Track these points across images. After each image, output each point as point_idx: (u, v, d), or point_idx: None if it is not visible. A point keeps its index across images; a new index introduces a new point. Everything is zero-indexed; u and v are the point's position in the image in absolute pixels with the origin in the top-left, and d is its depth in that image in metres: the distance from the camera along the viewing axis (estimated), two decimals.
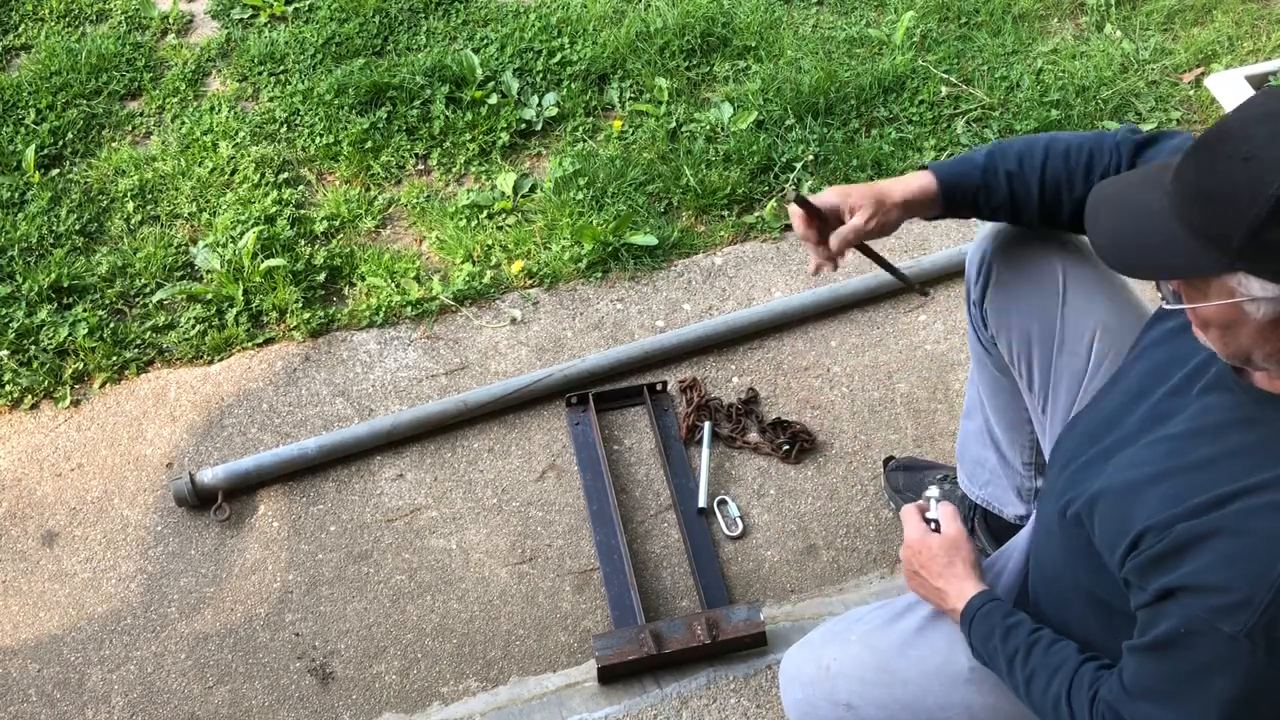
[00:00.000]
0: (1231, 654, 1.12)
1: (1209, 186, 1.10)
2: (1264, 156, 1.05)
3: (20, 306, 2.60)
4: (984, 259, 1.77)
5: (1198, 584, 1.14)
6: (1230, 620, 1.11)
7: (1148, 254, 1.15)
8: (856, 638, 1.59)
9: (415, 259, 2.74)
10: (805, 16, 3.38)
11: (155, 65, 3.25)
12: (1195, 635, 1.15)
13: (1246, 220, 1.05)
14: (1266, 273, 1.07)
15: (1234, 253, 1.08)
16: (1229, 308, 1.12)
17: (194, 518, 2.30)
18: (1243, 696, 1.14)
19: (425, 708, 2.05)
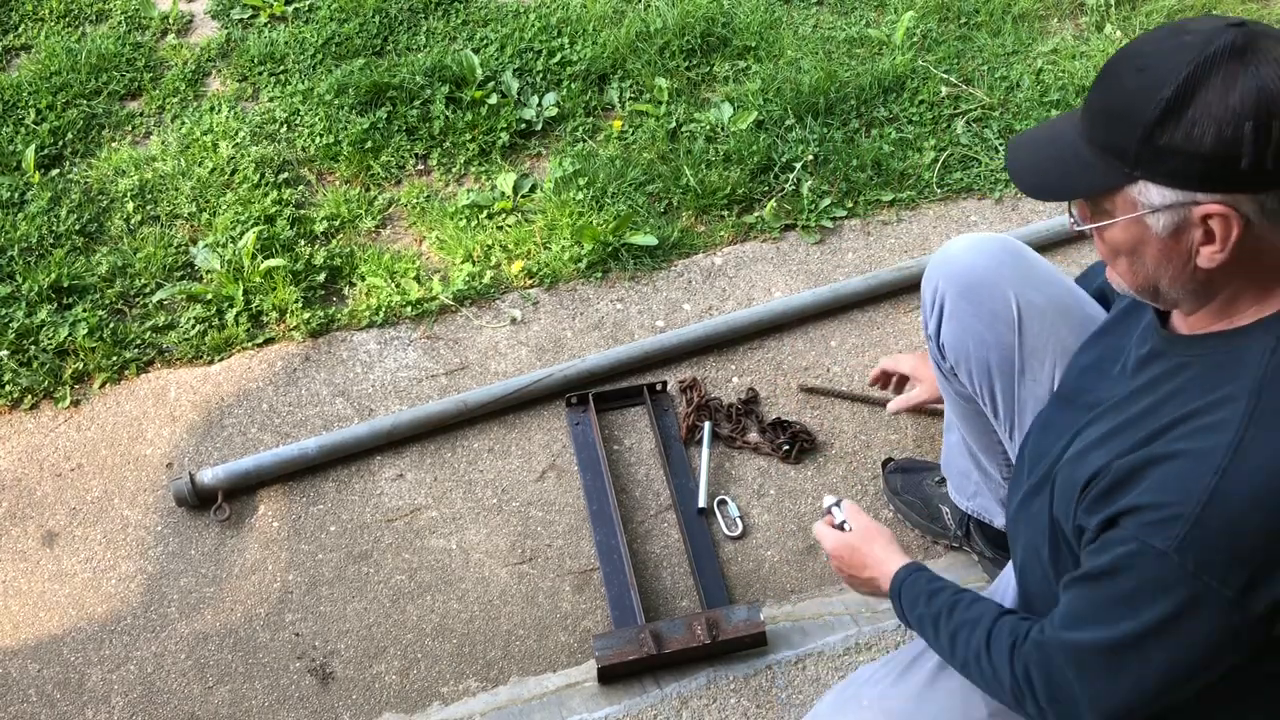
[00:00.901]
0: (1163, 571, 1.12)
1: (1109, 102, 1.15)
2: (1154, 65, 1.10)
3: (20, 306, 2.60)
4: (935, 291, 1.79)
5: (1134, 506, 1.15)
6: (1161, 535, 1.11)
7: (1056, 177, 1.20)
8: (869, 702, 1.53)
9: (415, 259, 2.74)
10: (805, 16, 3.38)
11: (155, 65, 3.25)
12: (1130, 557, 1.15)
13: (1140, 126, 1.10)
14: (1162, 177, 1.11)
15: (1132, 161, 1.12)
16: (1133, 224, 1.16)
17: (194, 518, 2.30)
18: (1173, 616, 1.14)
19: (425, 708, 2.05)
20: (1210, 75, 1.07)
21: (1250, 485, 1.09)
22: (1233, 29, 1.09)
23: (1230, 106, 1.06)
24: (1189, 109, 1.08)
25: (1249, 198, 1.09)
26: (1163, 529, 1.11)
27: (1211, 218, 1.10)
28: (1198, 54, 1.08)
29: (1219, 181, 1.09)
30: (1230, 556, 1.09)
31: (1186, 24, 1.13)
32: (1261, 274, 1.15)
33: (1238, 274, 1.15)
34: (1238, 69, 1.06)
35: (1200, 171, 1.09)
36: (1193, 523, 1.10)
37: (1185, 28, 1.12)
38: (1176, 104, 1.08)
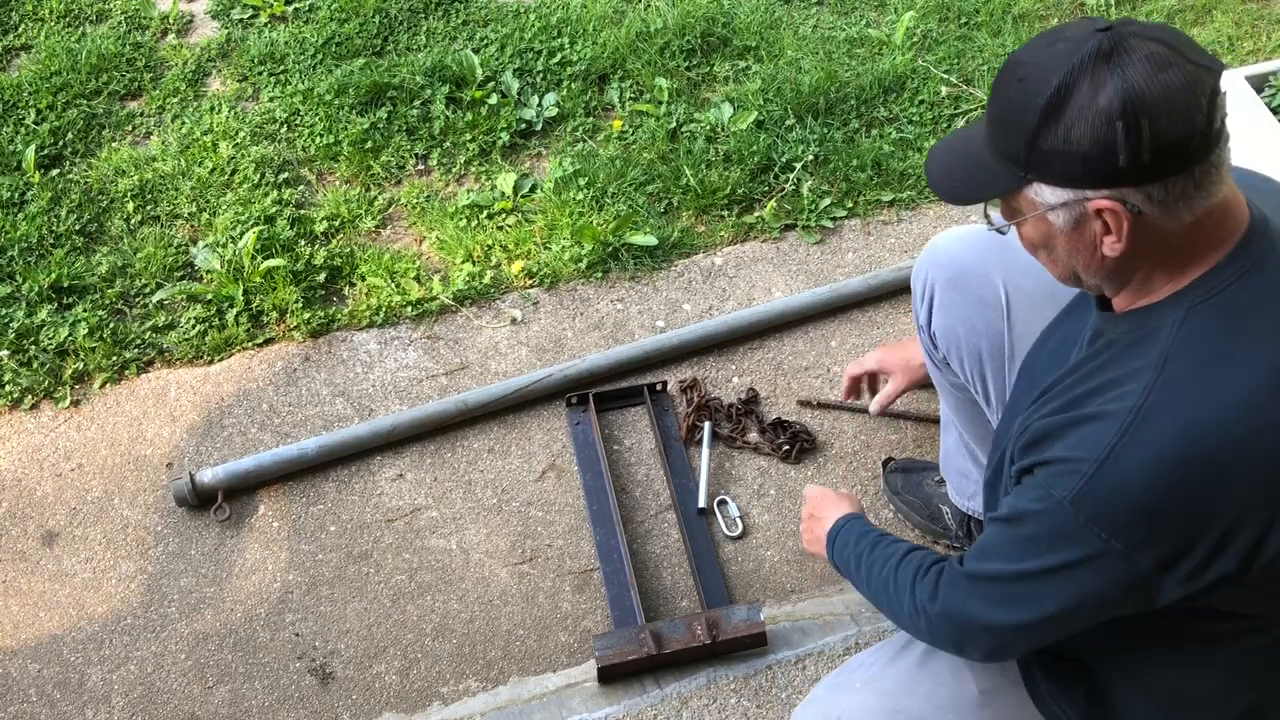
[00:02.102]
0: (1061, 520, 1.19)
1: (998, 112, 1.22)
2: (1032, 74, 1.16)
3: (20, 306, 2.60)
4: (926, 282, 1.84)
5: (1048, 459, 1.22)
6: (1062, 485, 1.18)
7: (964, 182, 1.28)
8: (861, 684, 1.57)
9: (415, 259, 2.74)
10: (805, 16, 3.38)
11: (155, 65, 3.25)
12: (1037, 502, 1.22)
13: (1025, 132, 1.16)
14: (1051, 178, 1.17)
15: (1023, 165, 1.18)
16: (1039, 221, 1.23)
17: (194, 518, 2.30)
18: (1068, 563, 1.21)
19: (425, 708, 2.05)
20: (1080, 80, 1.13)
21: (1146, 448, 1.15)
22: (1100, 33, 1.14)
23: (1100, 108, 1.11)
24: (1064, 113, 1.13)
25: (1134, 190, 1.14)
26: (1064, 480, 1.18)
27: (1103, 212, 1.16)
28: (1068, 60, 1.14)
29: (1103, 178, 1.14)
30: (1121, 513, 1.16)
31: (1061, 31, 1.19)
32: (1167, 254, 1.20)
33: (1144, 258, 1.21)
34: (1105, 72, 1.12)
35: (1083, 170, 1.15)
36: (1089, 477, 1.16)
37: (1060, 35, 1.18)
38: (1053, 109, 1.14)
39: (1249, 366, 1.16)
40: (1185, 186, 1.14)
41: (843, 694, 1.59)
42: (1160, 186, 1.13)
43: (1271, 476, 1.15)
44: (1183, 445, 1.14)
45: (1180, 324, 1.19)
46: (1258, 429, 1.14)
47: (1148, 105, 1.10)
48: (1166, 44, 1.13)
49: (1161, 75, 1.11)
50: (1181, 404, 1.15)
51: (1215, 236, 1.19)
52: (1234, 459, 1.14)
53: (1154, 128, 1.10)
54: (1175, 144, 1.11)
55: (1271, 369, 1.15)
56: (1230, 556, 1.17)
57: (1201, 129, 1.12)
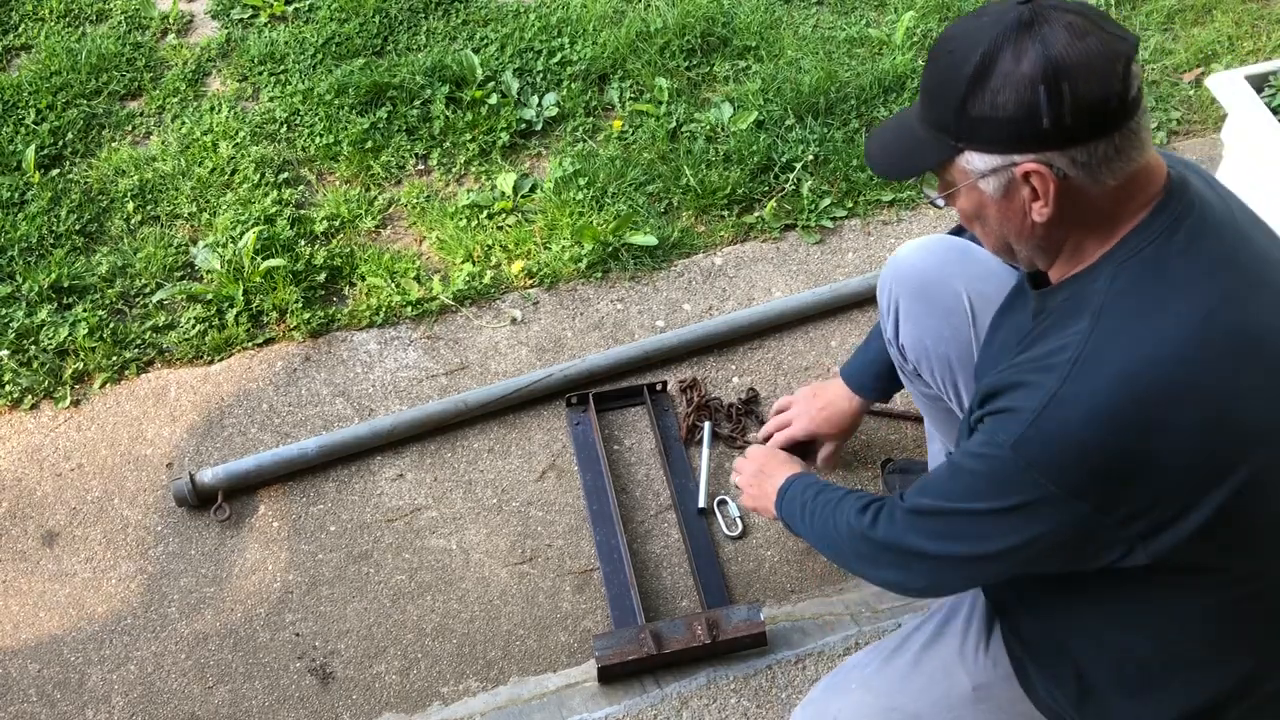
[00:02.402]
0: (1002, 464, 1.24)
1: (930, 85, 1.28)
2: (959, 46, 1.23)
3: (20, 306, 2.60)
4: (890, 296, 1.86)
5: (996, 409, 1.28)
6: (1005, 430, 1.23)
7: (899, 156, 1.34)
8: (857, 685, 1.60)
9: (415, 259, 2.74)
10: (805, 16, 3.38)
11: (155, 65, 3.25)
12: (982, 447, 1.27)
13: (955, 101, 1.22)
14: (980, 144, 1.23)
15: (954, 134, 1.24)
16: (972, 190, 1.28)
17: (194, 518, 2.30)
18: (1009, 506, 1.25)
19: (425, 708, 2.05)
20: (1004, 48, 1.19)
21: (1082, 396, 1.19)
22: (1022, 5, 1.21)
23: (1023, 73, 1.18)
24: (990, 80, 1.19)
25: (1059, 154, 1.20)
26: (1007, 425, 1.24)
27: (1031, 175, 1.22)
28: (992, 30, 1.20)
29: (1029, 142, 1.20)
30: (1059, 458, 1.20)
31: (984, 8, 1.25)
32: (1095, 219, 1.25)
33: (1073, 224, 1.26)
34: (1026, 40, 1.18)
35: (1009, 135, 1.20)
36: (1029, 424, 1.21)
37: (985, 11, 1.24)
38: (979, 77, 1.20)
39: (1179, 315, 1.20)
40: (1107, 150, 1.19)
41: (839, 695, 1.61)
42: (1084, 150, 1.19)
43: (1207, 421, 1.19)
44: (1117, 392, 1.18)
45: (1112, 280, 1.24)
46: (1191, 374, 1.19)
47: (1068, 69, 1.16)
48: (1083, 15, 1.19)
49: (1080, 42, 1.17)
50: (1115, 353, 1.20)
51: (1138, 200, 1.24)
52: (1168, 403, 1.18)
53: (1074, 91, 1.16)
54: (1095, 106, 1.17)
55: (1200, 316, 1.20)
56: (1174, 503, 1.20)
57: (1119, 93, 1.18)
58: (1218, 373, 1.19)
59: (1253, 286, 1.23)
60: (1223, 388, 1.19)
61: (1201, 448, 1.19)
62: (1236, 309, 1.21)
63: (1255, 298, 1.23)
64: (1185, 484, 1.20)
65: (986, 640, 1.55)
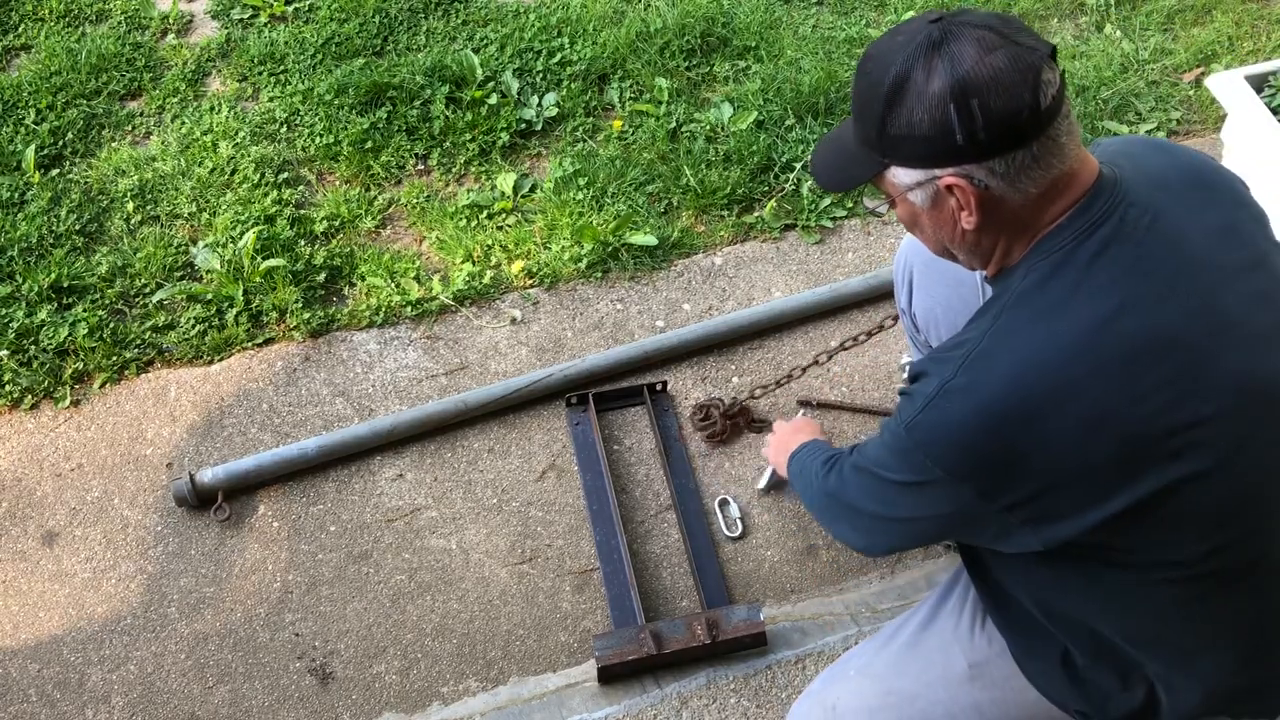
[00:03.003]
0: (899, 441, 1.33)
1: (855, 105, 1.32)
2: (875, 67, 1.27)
3: (20, 306, 2.60)
4: (905, 266, 1.93)
5: (906, 390, 1.36)
6: (903, 412, 1.32)
7: (836, 170, 1.39)
8: (855, 671, 1.63)
9: (415, 259, 2.74)
10: (805, 16, 3.38)
11: (155, 65, 3.25)
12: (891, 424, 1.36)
13: (875, 120, 1.27)
14: (903, 159, 1.28)
15: (879, 150, 1.29)
16: (903, 202, 1.33)
17: (194, 518, 2.30)
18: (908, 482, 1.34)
19: (425, 708, 2.05)
20: (915, 67, 1.22)
21: (969, 389, 1.26)
22: (932, 24, 1.23)
23: (933, 92, 1.21)
24: (904, 100, 1.23)
25: (976, 166, 1.23)
26: (905, 409, 1.32)
27: (953, 188, 1.26)
28: (904, 50, 1.23)
29: (947, 156, 1.24)
30: (943, 444, 1.28)
31: (900, 27, 1.28)
32: (1020, 224, 1.29)
33: (1000, 229, 1.30)
34: (935, 58, 1.21)
35: (927, 151, 1.24)
36: (920, 410, 1.29)
37: (899, 30, 1.27)
38: (893, 97, 1.24)
39: (1072, 320, 1.23)
40: (1025, 159, 1.22)
41: (838, 684, 1.64)
42: (1001, 160, 1.22)
43: (1090, 422, 1.22)
44: (1000, 388, 1.24)
45: (1020, 280, 1.28)
46: (1074, 377, 1.22)
47: (975, 86, 1.19)
48: (994, 29, 1.21)
49: (988, 58, 1.19)
50: (1006, 352, 1.25)
51: (1060, 204, 1.27)
52: (1049, 404, 1.22)
53: (984, 106, 1.19)
54: (1007, 120, 1.19)
55: (1095, 321, 1.23)
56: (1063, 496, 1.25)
57: (1030, 104, 1.19)
58: (1105, 377, 1.22)
59: (1162, 294, 1.24)
60: (1110, 392, 1.22)
61: (1085, 448, 1.22)
62: (1138, 316, 1.22)
63: (1162, 305, 1.24)
64: (1073, 481, 1.24)
65: (981, 619, 1.58)
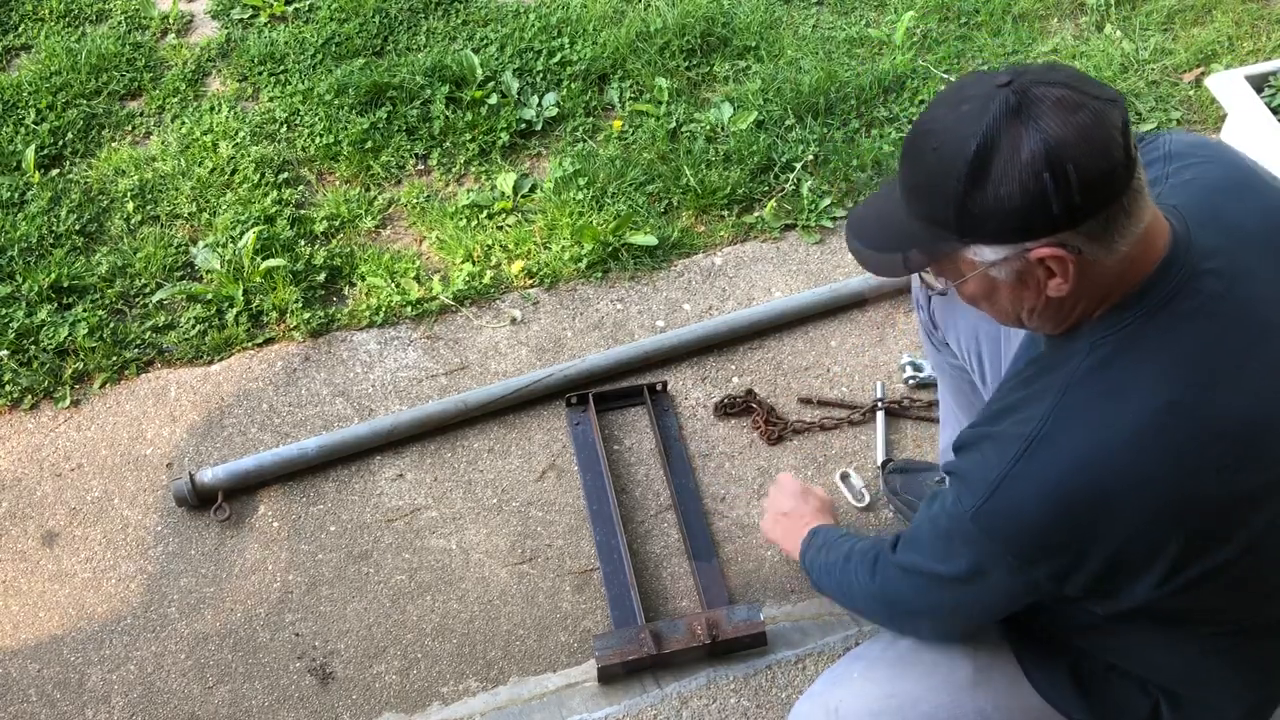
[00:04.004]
0: (964, 529, 1.30)
1: (918, 182, 1.22)
2: (946, 142, 1.17)
3: (20, 306, 2.60)
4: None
5: (958, 471, 1.34)
6: (967, 499, 1.29)
7: (892, 254, 1.28)
8: (858, 674, 1.62)
9: (415, 259, 2.74)
10: (805, 16, 3.38)
11: (155, 65, 3.25)
12: (950, 507, 1.33)
13: (952, 199, 1.17)
14: (988, 237, 1.19)
15: (956, 229, 1.20)
16: (981, 278, 1.25)
17: (194, 518, 2.30)
18: (971, 569, 1.33)
19: (425, 708, 2.05)
20: (998, 139, 1.14)
21: (1036, 475, 1.24)
22: (1003, 89, 1.15)
23: (1024, 163, 1.13)
24: (989, 175, 1.14)
25: (1073, 232, 1.16)
26: (969, 496, 1.29)
27: (1046, 259, 1.18)
28: (979, 121, 1.15)
29: (1041, 228, 1.16)
30: (1012, 532, 1.26)
31: (963, 91, 1.19)
32: (1105, 286, 1.23)
33: (1085, 292, 1.23)
34: (1019, 127, 1.13)
35: (1019, 225, 1.16)
36: (986, 499, 1.27)
37: (962, 96, 1.18)
38: (977, 174, 1.15)
39: (1139, 403, 1.21)
40: (1118, 215, 1.16)
41: (840, 686, 1.62)
42: (1097, 221, 1.16)
43: (1160, 505, 1.21)
44: (1069, 475, 1.22)
45: (1085, 356, 1.24)
46: (1142, 463, 1.20)
47: (1069, 149, 1.12)
48: (1068, 86, 1.15)
49: (1074, 118, 1.13)
50: (1071, 436, 1.22)
51: (1141, 263, 1.22)
52: (1118, 490, 1.21)
53: (1079, 169, 1.12)
54: (1102, 179, 1.13)
55: (1160, 405, 1.20)
56: (1129, 573, 1.25)
57: (1122, 160, 1.14)
58: (1175, 462, 1.20)
59: (1235, 371, 1.22)
60: (1180, 476, 1.21)
61: (1156, 529, 1.22)
62: (1209, 396, 1.21)
63: (1234, 383, 1.22)
64: (1143, 560, 1.24)
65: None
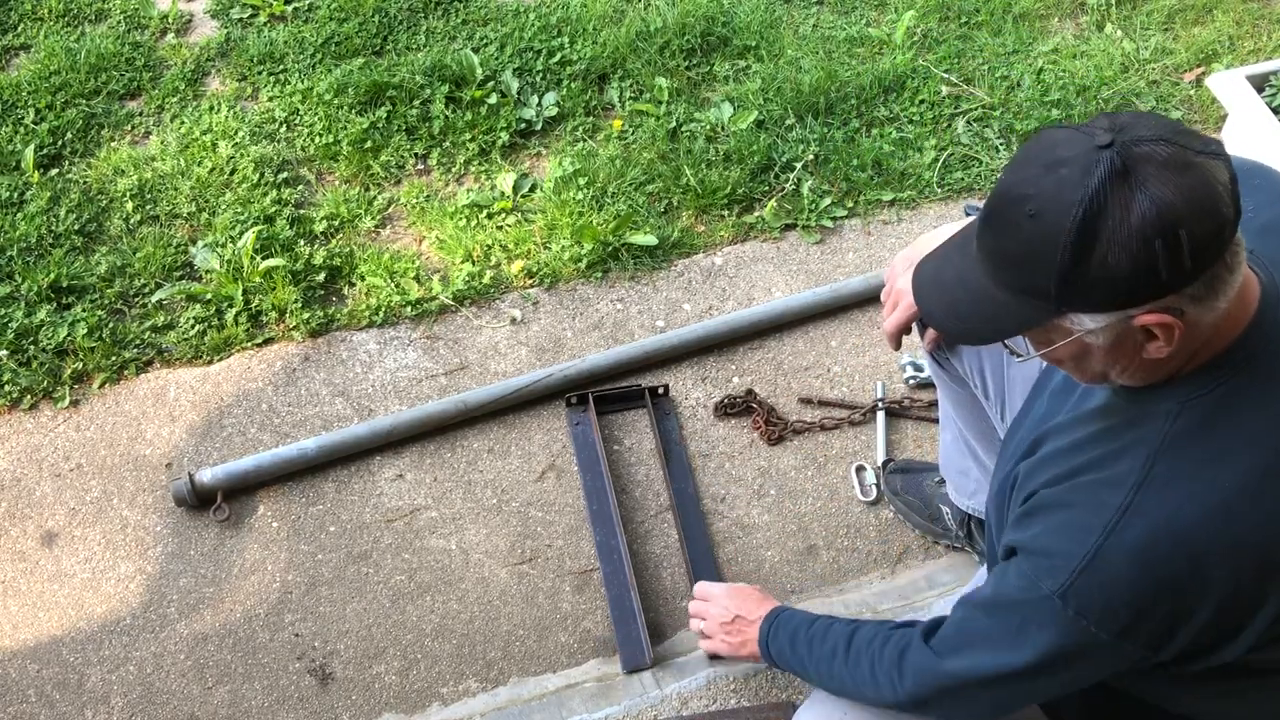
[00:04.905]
0: (1048, 612, 1.25)
1: (1011, 250, 1.15)
2: (1045, 209, 1.10)
3: (20, 306, 2.60)
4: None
5: (1033, 547, 1.27)
6: (1050, 580, 1.24)
7: (984, 323, 1.21)
8: None
9: (415, 259, 2.74)
10: (805, 16, 3.38)
11: (154, 65, 3.25)
12: (1023, 593, 1.27)
13: (1053, 270, 1.11)
14: (1089, 306, 1.13)
15: (1055, 299, 1.13)
16: (1074, 344, 1.18)
17: (193, 518, 2.30)
18: (1055, 651, 1.27)
19: (425, 708, 2.05)
20: (1106, 207, 1.07)
21: (1130, 547, 1.20)
22: (1103, 150, 1.08)
23: (1134, 230, 1.07)
24: (1096, 245, 1.08)
25: (1178, 295, 1.11)
26: (1052, 575, 1.24)
27: (1151, 325, 1.13)
28: (1083, 189, 1.08)
29: (1148, 294, 1.11)
30: (1106, 607, 1.22)
31: (1056, 150, 1.12)
32: (1198, 341, 1.18)
33: (1181, 351, 1.18)
34: (1128, 193, 1.07)
35: (1126, 293, 1.11)
36: (1076, 574, 1.22)
37: (1056, 158, 1.11)
38: (1083, 243, 1.09)
39: (1231, 469, 1.18)
40: (1221, 273, 1.11)
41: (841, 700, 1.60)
42: (1201, 282, 1.11)
43: (1259, 568, 1.20)
44: (1164, 546, 1.18)
45: (1174, 419, 1.20)
46: (1235, 531, 1.18)
47: (1181, 215, 1.06)
48: (1170, 142, 1.09)
49: (1184, 179, 1.07)
50: (1165, 505, 1.19)
51: (1235, 319, 1.18)
52: (1215, 559, 1.18)
53: (1190, 233, 1.07)
54: (1212, 241, 1.08)
55: (1253, 471, 1.18)
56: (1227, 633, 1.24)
57: (1231, 219, 1.09)
58: (1270, 528, 1.18)
59: None
60: (1269, 541, 1.19)
61: (1253, 596, 1.21)
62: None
63: None
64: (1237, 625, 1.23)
65: None
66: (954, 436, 2.01)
